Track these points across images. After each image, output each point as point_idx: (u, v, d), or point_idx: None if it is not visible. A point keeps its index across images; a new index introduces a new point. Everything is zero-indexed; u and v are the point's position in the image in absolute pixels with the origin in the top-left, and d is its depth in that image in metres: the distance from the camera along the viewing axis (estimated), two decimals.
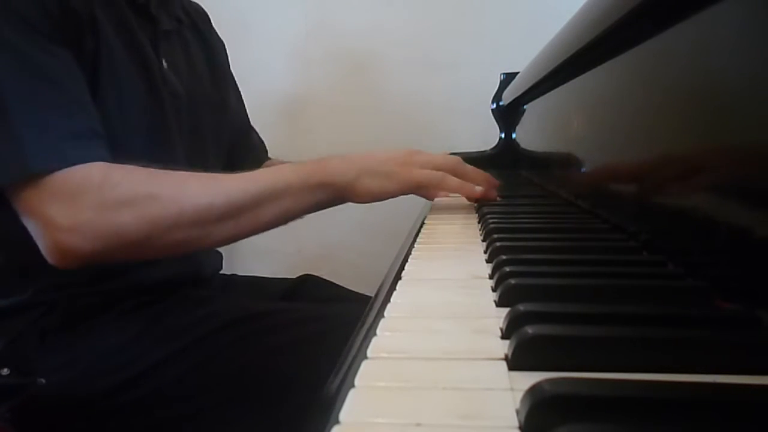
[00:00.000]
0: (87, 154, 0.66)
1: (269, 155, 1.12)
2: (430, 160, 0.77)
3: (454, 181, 0.77)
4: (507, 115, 1.32)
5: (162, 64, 0.83)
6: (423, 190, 0.76)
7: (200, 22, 1.00)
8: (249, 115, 1.12)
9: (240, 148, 1.05)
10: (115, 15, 0.77)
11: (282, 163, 0.96)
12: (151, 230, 0.66)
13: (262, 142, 1.12)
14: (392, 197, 0.76)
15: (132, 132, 0.77)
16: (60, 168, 0.64)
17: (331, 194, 0.74)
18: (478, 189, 0.79)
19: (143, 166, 0.69)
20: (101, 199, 0.65)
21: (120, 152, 0.69)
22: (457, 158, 0.80)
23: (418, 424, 0.24)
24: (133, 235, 0.66)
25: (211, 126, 0.94)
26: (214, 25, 1.04)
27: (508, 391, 0.26)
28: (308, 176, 0.73)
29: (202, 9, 1.03)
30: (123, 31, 0.77)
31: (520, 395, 0.25)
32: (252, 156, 1.07)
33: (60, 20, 0.68)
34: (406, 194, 0.77)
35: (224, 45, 1.06)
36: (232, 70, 1.07)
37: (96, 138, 0.68)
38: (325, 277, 1.08)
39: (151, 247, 0.68)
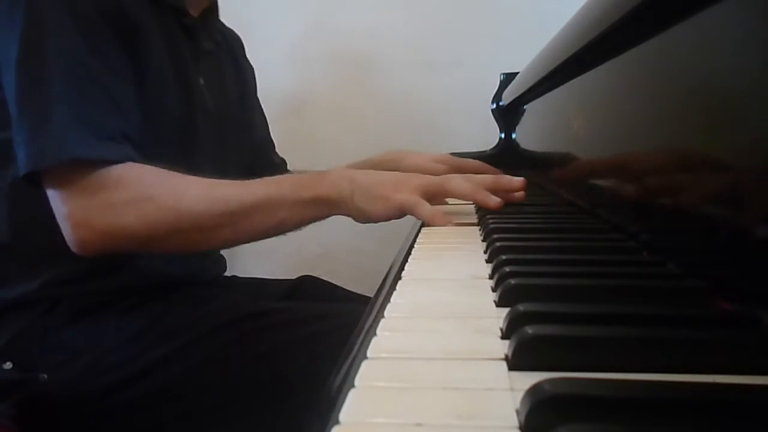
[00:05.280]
0: (113, 153, 0.71)
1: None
2: (423, 184, 0.72)
3: (462, 185, 0.72)
4: (507, 115, 1.32)
5: (199, 80, 0.88)
6: (410, 209, 0.70)
7: (235, 47, 1.07)
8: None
9: (261, 165, 1.09)
10: (166, 29, 0.82)
11: (299, 173, 0.94)
12: (151, 232, 0.71)
13: (284, 161, 1.17)
14: (380, 221, 0.71)
15: (164, 139, 0.81)
16: (87, 161, 0.69)
17: (326, 209, 0.73)
18: (494, 200, 0.72)
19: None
20: (113, 198, 0.70)
21: (150, 157, 0.73)
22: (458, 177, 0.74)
23: (418, 424, 0.24)
24: (136, 235, 0.71)
25: (236, 143, 0.99)
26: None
27: (508, 391, 0.26)
28: (304, 189, 0.72)
29: (238, 36, 1.10)
30: (171, 45, 0.82)
31: (520, 395, 0.25)
32: (271, 173, 1.08)
33: (114, 21, 0.73)
34: (395, 217, 0.72)
35: (254, 71, 1.12)
36: None
37: (125, 141, 0.72)
38: (324, 278, 1.08)
39: (154, 246, 0.74)
